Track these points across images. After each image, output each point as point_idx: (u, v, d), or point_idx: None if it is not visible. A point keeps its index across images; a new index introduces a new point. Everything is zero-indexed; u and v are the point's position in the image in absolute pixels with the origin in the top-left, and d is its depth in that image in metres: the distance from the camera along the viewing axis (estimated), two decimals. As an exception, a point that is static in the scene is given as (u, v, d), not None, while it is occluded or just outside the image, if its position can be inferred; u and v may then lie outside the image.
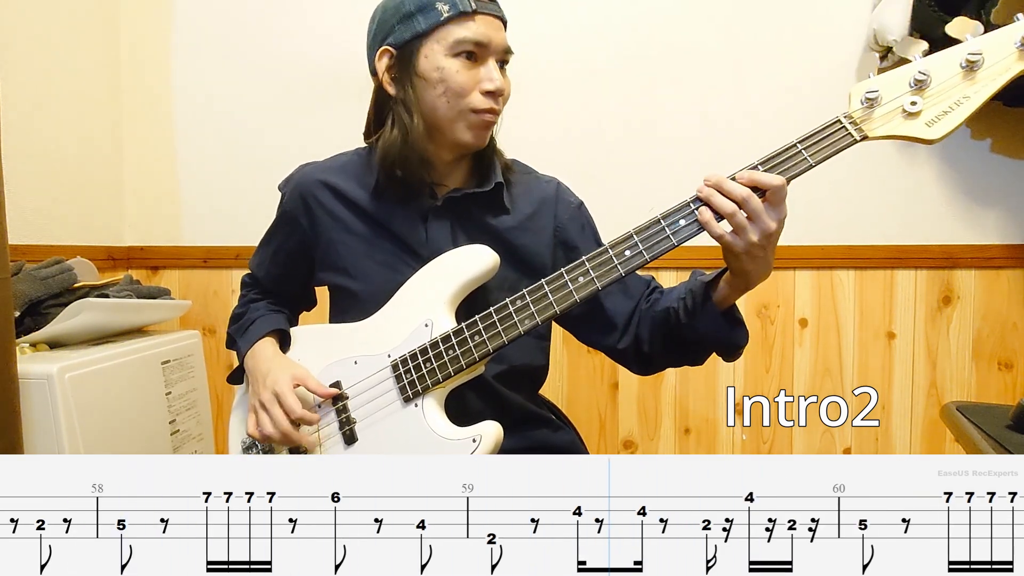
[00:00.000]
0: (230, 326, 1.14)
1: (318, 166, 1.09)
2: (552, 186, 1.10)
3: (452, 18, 0.93)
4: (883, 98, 0.80)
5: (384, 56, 0.99)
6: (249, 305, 1.14)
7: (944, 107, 0.78)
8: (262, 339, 1.05)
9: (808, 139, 0.82)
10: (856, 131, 0.80)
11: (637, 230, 0.85)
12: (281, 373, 0.98)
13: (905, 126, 0.79)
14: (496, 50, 0.96)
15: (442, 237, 1.02)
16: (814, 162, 0.81)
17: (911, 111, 0.78)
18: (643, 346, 1.02)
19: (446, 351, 0.91)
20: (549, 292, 0.88)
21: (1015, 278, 1.69)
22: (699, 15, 1.71)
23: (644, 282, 1.05)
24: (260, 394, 0.98)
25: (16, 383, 1.08)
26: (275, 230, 1.12)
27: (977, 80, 0.77)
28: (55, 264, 1.38)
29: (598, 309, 1.04)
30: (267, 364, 1.01)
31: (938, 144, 0.80)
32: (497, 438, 0.88)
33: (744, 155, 0.85)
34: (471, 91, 0.95)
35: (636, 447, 1.80)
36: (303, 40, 1.78)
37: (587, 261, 0.87)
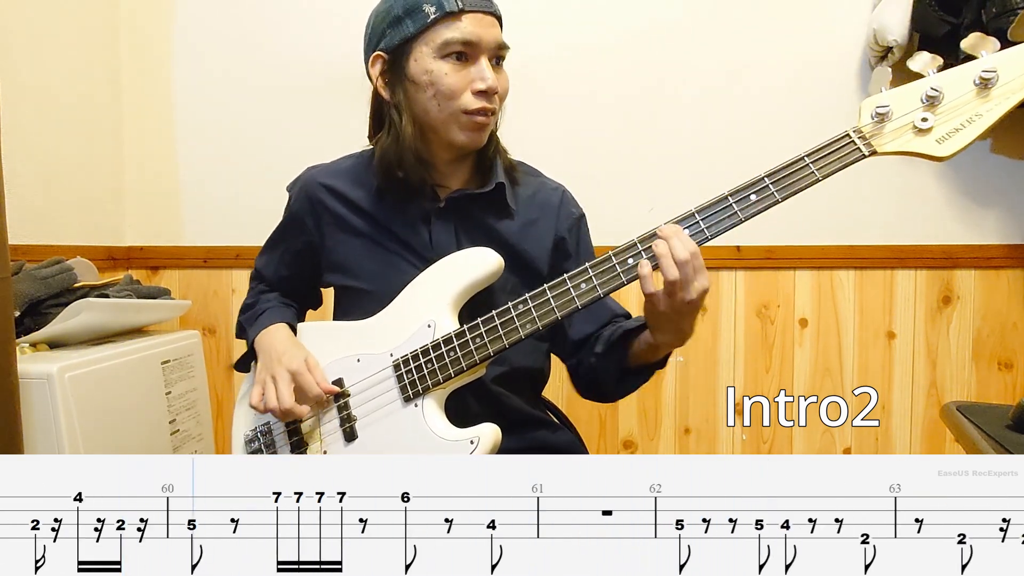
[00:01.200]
0: (241, 315, 1.14)
1: (324, 168, 1.10)
2: (558, 193, 1.10)
3: (439, 19, 0.93)
4: (894, 113, 0.79)
5: (377, 61, 1.00)
6: (260, 296, 1.15)
7: (956, 124, 0.77)
8: (277, 324, 1.06)
9: (816, 152, 0.81)
10: (865, 146, 0.79)
11: (640, 239, 0.85)
12: (298, 353, 0.99)
13: (915, 142, 0.78)
14: (488, 47, 0.96)
15: (445, 239, 1.02)
16: (821, 176, 0.80)
17: (922, 127, 0.77)
18: (580, 369, 1.06)
19: (447, 352, 0.92)
20: (552, 298, 0.88)
21: (1015, 278, 1.69)
22: (700, 15, 1.71)
23: (610, 311, 1.06)
24: (273, 368, 0.98)
25: (16, 383, 1.08)
26: (283, 231, 1.13)
27: (991, 98, 0.76)
28: (55, 264, 1.38)
29: (560, 325, 1.04)
30: (284, 344, 1.02)
31: (938, 144, 0.79)
32: (495, 440, 0.89)
33: (744, 155, 0.85)
34: (462, 92, 0.95)
35: (636, 447, 1.80)
36: (303, 40, 1.79)
37: (590, 268, 0.87)
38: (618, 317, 1.07)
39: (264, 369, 1.01)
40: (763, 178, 0.82)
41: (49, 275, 1.35)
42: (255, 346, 1.06)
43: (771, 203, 0.82)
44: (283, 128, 1.80)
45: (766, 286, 1.74)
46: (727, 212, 0.82)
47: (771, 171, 0.82)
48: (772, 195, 0.82)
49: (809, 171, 0.80)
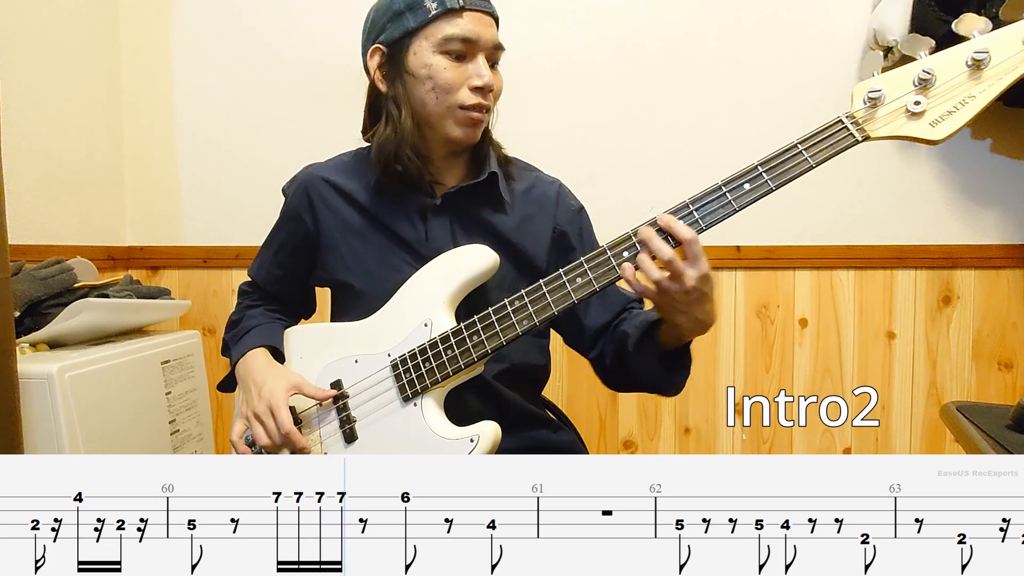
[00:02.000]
0: (226, 333, 1.13)
1: (321, 165, 1.10)
2: (554, 187, 1.10)
3: (440, 15, 0.94)
4: (886, 97, 0.78)
5: (376, 54, 1.00)
6: (246, 312, 1.13)
7: (949, 107, 0.76)
8: (254, 349, 1.05)
9: (809, 139, 0.81)
10: (858, 131, 0.79)
11: (634, 231, 0.85)
12: (276, 383, 0.97)
13: (908, 126, 0.77)
14: (485, 46, 0.97)
15: (442, 235, 1.02)
16: (815, 163, 0.80)
17: (915, 111, 0.77)
18: (606, 361, 1.04)
19: (445, 351, 0.92)
20: (547, 293, 0.88)
21: (1015, 278, 1.69)
22: (700, 14, 1.71)
23: (625, 299, 1.06)
24: (255, 405, 0.97)
25: (16, 383, 1.08)
26: (278, 229, 1.13)
27: (983, 79, 0.75)
28: (55, 264, 1.38)
29: (575, 317, 1.06)
30: (261, 374, 1.00)
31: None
32: (495, 438, 0.88)
33: (744, 155, 0.85)
34: (459, 87, 0.96)
35: (636, 447, 1.80)
36: (303, 40, 1.79)
37: (585, 262, 0.87)
38: (632, 303, 1.06)
39: (245, 404, 1.00)
40: (756, 166, 0.82)
41: (49, 275, 1.35)
42: (236, 374, 1.06)
43: (765, 191, 0.81)
44: (283, 128, 1.80)
45: (766, 286, 1.74)
46: (721, 202, 0.82)
47: (764, 159, 0.82)
48: (766, 183, 0.81)
49: (802, 158, 0.80)
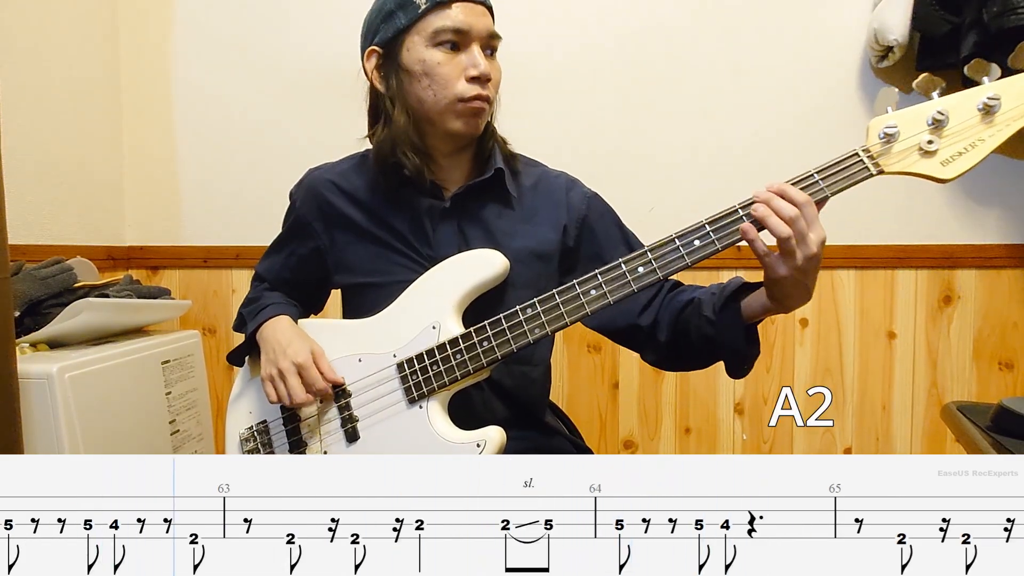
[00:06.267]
0: (243, 308, 1.13)
1: (326, 169, 1.10)
2: (561, 180, 1.09)
3: (430, 9, 0.95)
4: (901, 134, 0.80)
5: (372, 56, 1.01)
6: (264, 292, 1.14)
7: (960, 147, 0.79)
8: (281, 315, 1.05)
9: (826, 169, 0.82)
10: (873, 165, 0.81)
11: (651, 247, 0.85)
12: (303, 345, 0.98)
13: (921, 164, 0.80)
14: (479, 35, 0.97)
15: (450, 238, 1.02)
16: (830, 193, 0.81)
17: (928, 150, 0.79)
18: (659, 333, 1.00)
19: (454, 355, 0.91)
20: (560, 303, 0.88)
21: (1015, 278, 1.69)
22: (700, 15, 1.71)
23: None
24: (279, 362, 0.97)
25: (16, 383, 1.07)
26: (288, 236, 1.12)
27: (994, 123, 0.78)
28: (55, 264, 1.38)
29: (615, 323, 1.04)
30: (287, 335, 1.00)
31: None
32: (501, 443, 0.89)
33: (744, 154, 0.85)
34: (456, 80, 0.96)
35: (636, 447, 1.80)
36: (303, 40, 1.79)
37: (600, 275, 0.87)
38: (669, 286, 1.03)
39: (268, 363, 1.00)
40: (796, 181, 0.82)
41: (49, 275, 1.35)
42: (257, 338, 1.05)
43: None
44: (283, 128, 1.80)
45: (766, 286, 1.73)
46: (735, 224, 0.84)
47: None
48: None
49: (819, 187, 0.81)
